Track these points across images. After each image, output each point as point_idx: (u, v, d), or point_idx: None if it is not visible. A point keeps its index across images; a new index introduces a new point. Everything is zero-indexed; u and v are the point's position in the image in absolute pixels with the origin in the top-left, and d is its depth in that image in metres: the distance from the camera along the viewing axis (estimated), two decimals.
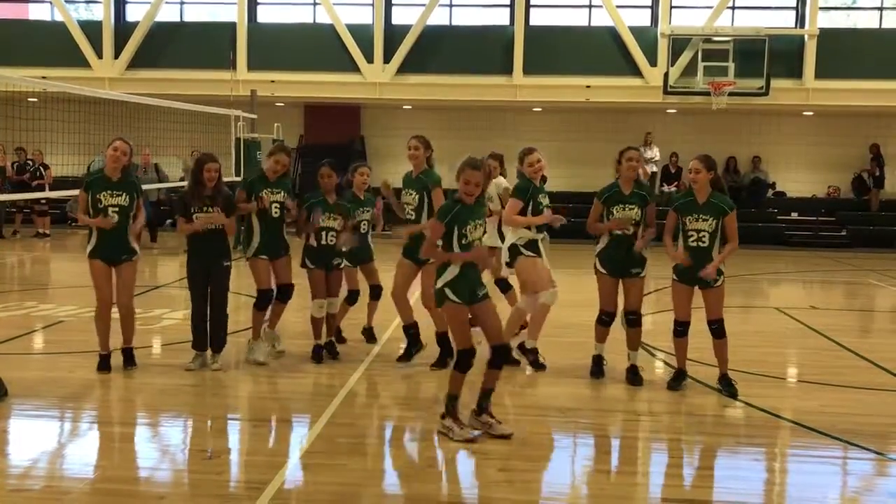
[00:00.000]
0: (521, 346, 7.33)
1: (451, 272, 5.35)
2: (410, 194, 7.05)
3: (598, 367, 7.00)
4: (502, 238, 7.84)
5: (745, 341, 8.81)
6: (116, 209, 6.72)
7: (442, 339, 7.08)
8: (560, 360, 7.37)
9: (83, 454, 5.24)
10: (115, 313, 6.87)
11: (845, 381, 7.18)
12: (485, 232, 5.53)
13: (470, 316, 5.43)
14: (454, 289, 5.33)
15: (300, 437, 5.53)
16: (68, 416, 5.98)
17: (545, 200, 6.98)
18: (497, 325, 5.49)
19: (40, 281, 12.89)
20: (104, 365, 6.82)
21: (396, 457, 5.25)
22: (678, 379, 6.77)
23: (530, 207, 6.90)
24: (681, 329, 6.66)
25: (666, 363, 7.35)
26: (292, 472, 4.92)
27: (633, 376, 6.83)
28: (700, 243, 6.43)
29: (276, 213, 7.14)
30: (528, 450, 5.43)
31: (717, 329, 6.54)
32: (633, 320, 6.81)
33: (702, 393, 6.64)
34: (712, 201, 6.44)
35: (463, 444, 5.31)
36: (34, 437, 5.52)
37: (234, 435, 5.68)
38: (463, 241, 5.32)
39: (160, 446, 5.44)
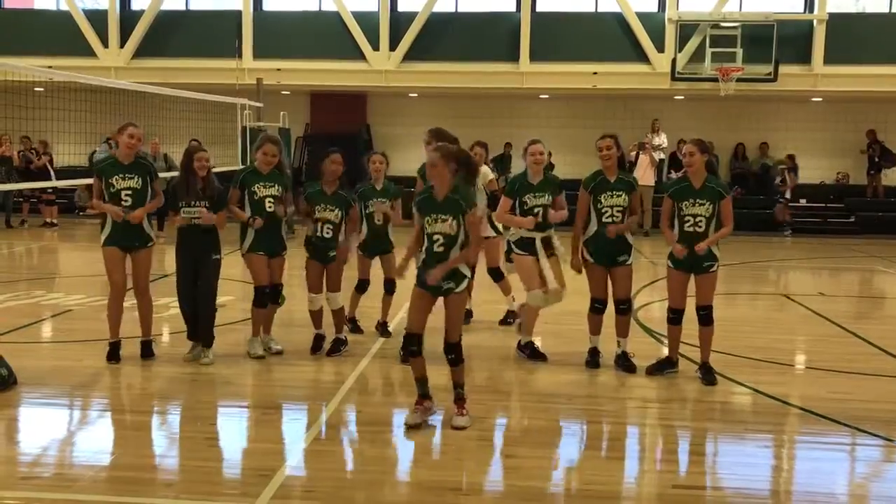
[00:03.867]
0: (518, 343, 7.31)
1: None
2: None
3: (593, 359, 6.95)
4: (496, 230, 7.87)
5: (753, 328, 8.81)
6: (130, 192, 6.67)
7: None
8: (565, 348, 7.36)
9: (92, 442, 5.27)
10: (126, 302, 6.89)
11: (854, 367, 7.15)
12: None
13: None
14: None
15: (308, 424, 5.55)
16: (77, 404, 6.01)
17: (539, 200, 6.81)
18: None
19: (48, 270, 12.93)
20: (114, 354, 6.80)
21: (402, 444, 5.25)
22: (661, 366, 6.74)
23: (517, 206, 6.83)
24: (674, 316, 6.63)
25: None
26: (300, 460, 4.94)
27: (624, 363, 6.82)
28: (696, 228, 6.37)
29: (269, 207, 6.89)
30: (534, 437, 5.44)
31: (706, 316, 6.52)
32: (624, 308, 6.79)
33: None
34: (708, 185, 6.39)
35: (469, 430, 5.33)
36: (44, 425, 5.55)
37: (242, 423, 5.70)
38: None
39: (168, 434, 5.47)
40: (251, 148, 15.03)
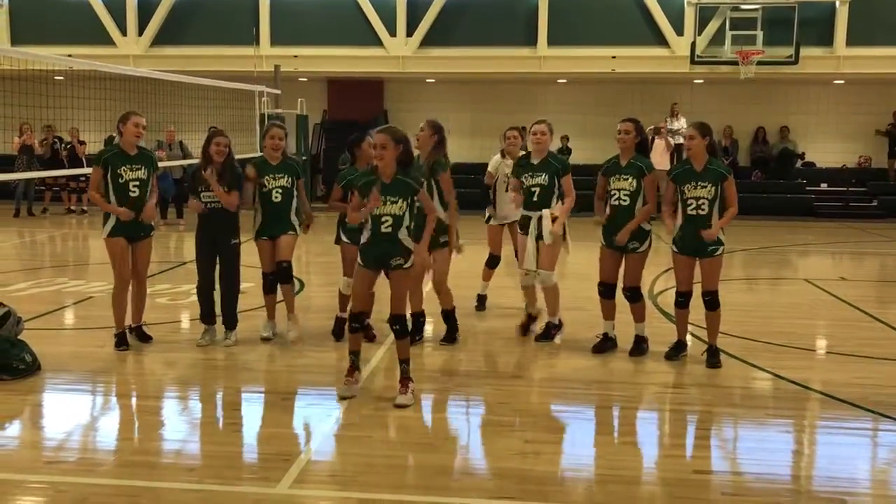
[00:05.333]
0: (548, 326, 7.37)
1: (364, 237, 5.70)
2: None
3: (602, 344, 6.96)
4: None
5: (774, 313, 8.76)
6: (137, 183, 6.73)
7: (447, 316, 7.15)
8: (585, 334, 7.34)
9: (115, 427, 5.32)
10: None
11: (876, 352, 7.09)
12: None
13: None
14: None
15: (327, 410, 5.57)
16: (100, 390, 6.07)
17: (535, 180, 6.94)
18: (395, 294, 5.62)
19: (70, 258, 13.05)
20: (123, 342, 6.88)
21: (421, 429, 5.27)
22: (677, 350, 6.76)
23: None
24: (682, 300, 6.66)
25: (693, 335, 7.29)
26: (320, 445, 4.97)
27: (635, 347, 6.85)
28: (700, 211, 6.39)
29: (276, 198, 6.88)
30: (554, 422, 5.45)
31: (711, 301, 6.52)
32: (629, 296, 6.80)
33: (730, 365, 6.59)
34: (710, 168, 6.40)
35: (485, 415, 5.33)
36: (67, 410, 5.61)
37: (263, 408, 5.73)
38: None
39: (190, 419, 5.51)
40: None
